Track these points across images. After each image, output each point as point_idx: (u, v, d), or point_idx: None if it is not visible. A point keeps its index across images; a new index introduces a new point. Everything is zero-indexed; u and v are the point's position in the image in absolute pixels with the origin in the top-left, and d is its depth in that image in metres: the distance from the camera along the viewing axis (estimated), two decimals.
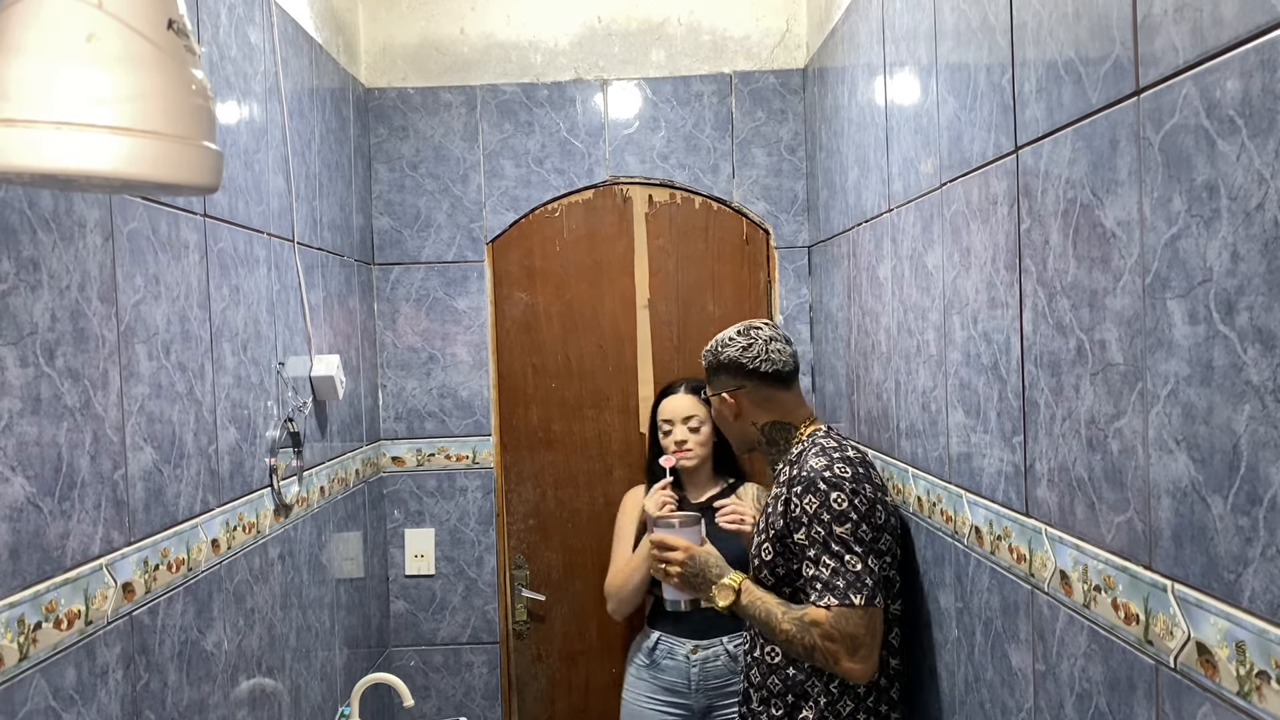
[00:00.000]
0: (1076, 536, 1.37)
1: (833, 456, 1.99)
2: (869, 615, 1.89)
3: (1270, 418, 0.95)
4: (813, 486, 1.95)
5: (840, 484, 1.93)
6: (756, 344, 2.15)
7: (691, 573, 2.11)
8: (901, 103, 2.15)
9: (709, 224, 3.32)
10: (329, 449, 2.69)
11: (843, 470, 1.96)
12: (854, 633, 1.88)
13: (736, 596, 2.03)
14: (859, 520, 1.92)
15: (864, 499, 1.94)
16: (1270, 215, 0.94)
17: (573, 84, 3.30)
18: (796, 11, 3.28)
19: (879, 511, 1.96)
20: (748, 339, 2.16)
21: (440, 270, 3.31)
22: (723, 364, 2.17)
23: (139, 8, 1.02)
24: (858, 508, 1.93)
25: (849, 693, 2.01)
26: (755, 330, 2.18)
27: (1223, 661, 1.05)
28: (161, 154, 1.02)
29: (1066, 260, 1.36)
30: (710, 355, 2.19)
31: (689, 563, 2.12)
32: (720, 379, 2.18)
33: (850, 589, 1.88)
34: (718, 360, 2.17)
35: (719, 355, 2.17)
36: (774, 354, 2.15)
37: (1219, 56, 1.01)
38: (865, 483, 1.96)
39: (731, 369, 2.16)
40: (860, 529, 1.92)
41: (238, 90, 2.10)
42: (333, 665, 2.65)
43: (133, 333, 1.60)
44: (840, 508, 1.92)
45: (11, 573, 1.27)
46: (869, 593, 1.89)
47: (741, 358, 2.14)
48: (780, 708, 2.06)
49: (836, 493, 1.93)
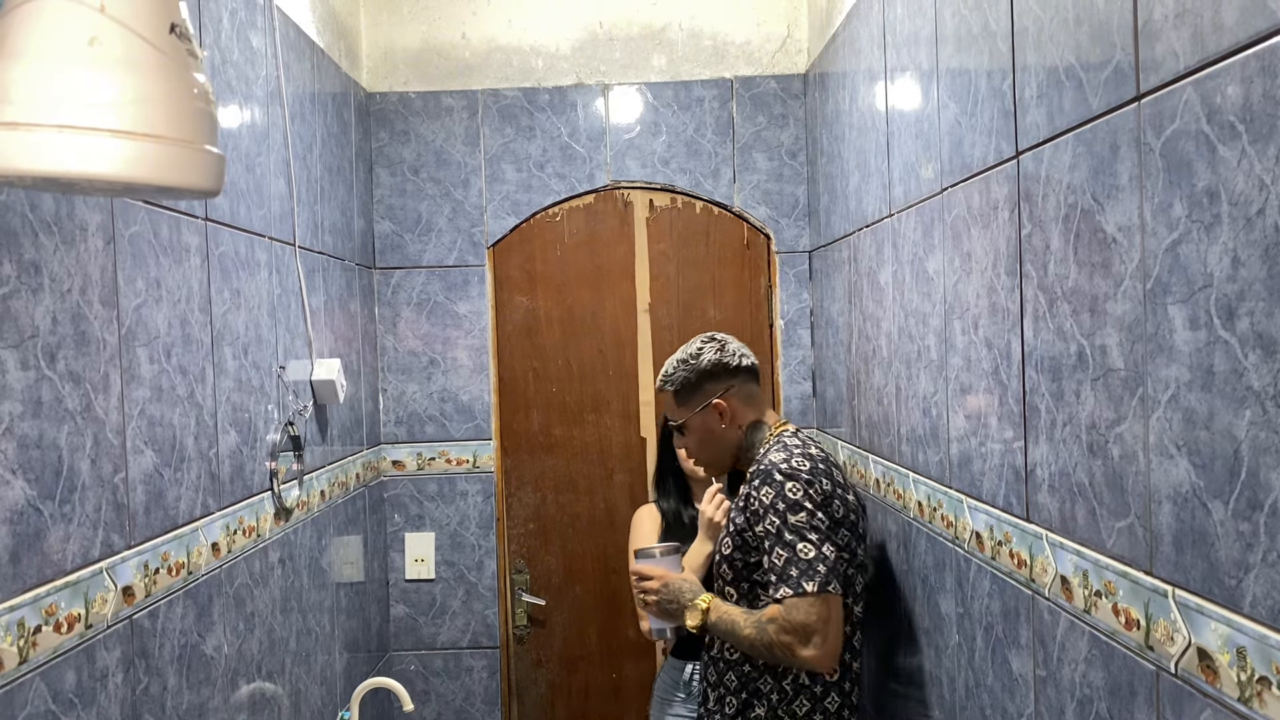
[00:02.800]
0: (1077, 542, 1.37)
1: (793, 451, 2.00)
2: (822, 602, 1.88)
3: (1271, 423, 0.95)
4: (769, 478, 1.95)
5: (796, 475, 1.94)
6: (729, 344, 2.16)
7: (667, 599, 2.12)
8: (902, 108, 2.15)
9: (710, 229, 3.32)
10: (329, 453, 2.69)
11: (800, 463, 1.96)
12: (805, 620, 1.87)
13: (705, 615, 2.04)
14: (814, 509, 1.92)
15: (819, 490, 1.94)
16: (1271, 221, 0.94)
17: (574, 89, 3.30)
18: (798, 17, 3.29)
19: (836, 504, 1.96)
20: (716, 343, 2.16)
21: (441, 274, 3.31)
22: (705, 371, 2.14)
23: (141, 11, 1.02)
24: (812, 497, 1.92)
25: (804, 692, 2.02)
26: (717, 337, 2.18)
27: (1224, 667, 1.05)
28: (163, 157, 1.02)
29: (1067, 265, 1.36)
30: (685, 371, 2.15)
31: (664, 590, 2.13)
32: (705, 388, 2.15)
33: (803, 576, 1.88)
34: (697, 370, 2.14)
35: (697, 366, 2.14)
36: (745, 352, 2.18)
37: (1220, 62, 1.01)
38: (823, 477, 1.97)
39: (716, 373, 2.14)
40: (815, 518, 1.91)
41: (239, 94, 2.11)
42: (332, 669, 2.65)
43: (134, 336, 1.60)
44: (794, 497, 1.92)
45: (11, 576, 1.27)
46: (821, 579, 1.87)
47: (723, 358, 2.14)
48: (733, 705, 2.07)
49: (791, 482, 1.93)
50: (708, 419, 2.15)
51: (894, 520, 2.31)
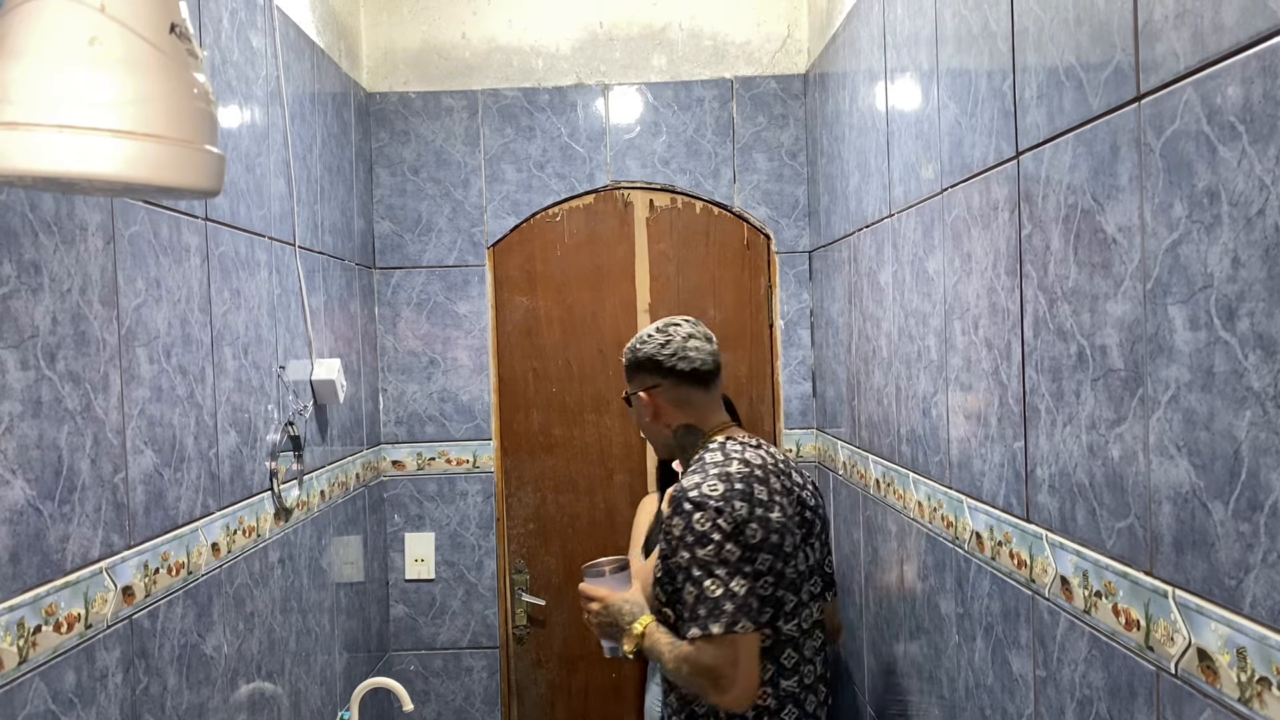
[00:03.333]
0: (1077, 542, 1.37)
1: (709, 472, 1.87)
2: (729, 644, 1.79)
3: (1271, 423, 0.95)
4: (679, 507, 1.85)
5: (704, 503, 1.82)
6: (674, 341, 2.03)
7: (607, 622, 2.03)
8: (903, 108, 2.15)
9: (710, 229, 3.32)
10: (329, 453, 2.68)
11: (712, 488, 1.84)
12: (712, 664, 1.79)
13: (639, 640, 1.95)
14: (723, 540, 1.80)
15: (729, 518, 1.81)
16: (1271, 221, 0.94)
17: (574, 89, 3.30)
18: (798, 17, 3.29)
19: (752, 529, 1.82)
20: (665, 335, 2.04)
21: (441, 274, 3.31)
22: (640, 361, 2.05)
23: (141, 11, 1.02)
24: (721, 528, 1.81)
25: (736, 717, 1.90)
26: (674, 327, 2.05)
27: (1224, 668, 1.05)
28: (163, 157, 1.02)
29: (1067, 266, 1.36)
30: (629, 353, 2.07)
31: (604, 613, 2.04)
32: (638, 377, 2.06)
33: (709, 617, 1.78)
34: (635, 357, 2.06)
35: (636, 352, 2.05)
36: (691, 352, 2.02)
37: (1220, 63, 1.01)
38: (738, 499, 1.83)
39: (648, 366, 2.04)
40: (724, 550, 1.80)
41: (239, 94, 2.11)
42: (332, 669, 2.65)
43: (134, 336, 1.60)
44: (702, 529, 1.81)
45: (11, 576, 1.27)
46: (727, 620, 1.77)
47: (658, 355, 2.03)
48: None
49: (699, 513, 1.82)
50: (641, 406, 2.07)
51: (894, 520, 2.31)
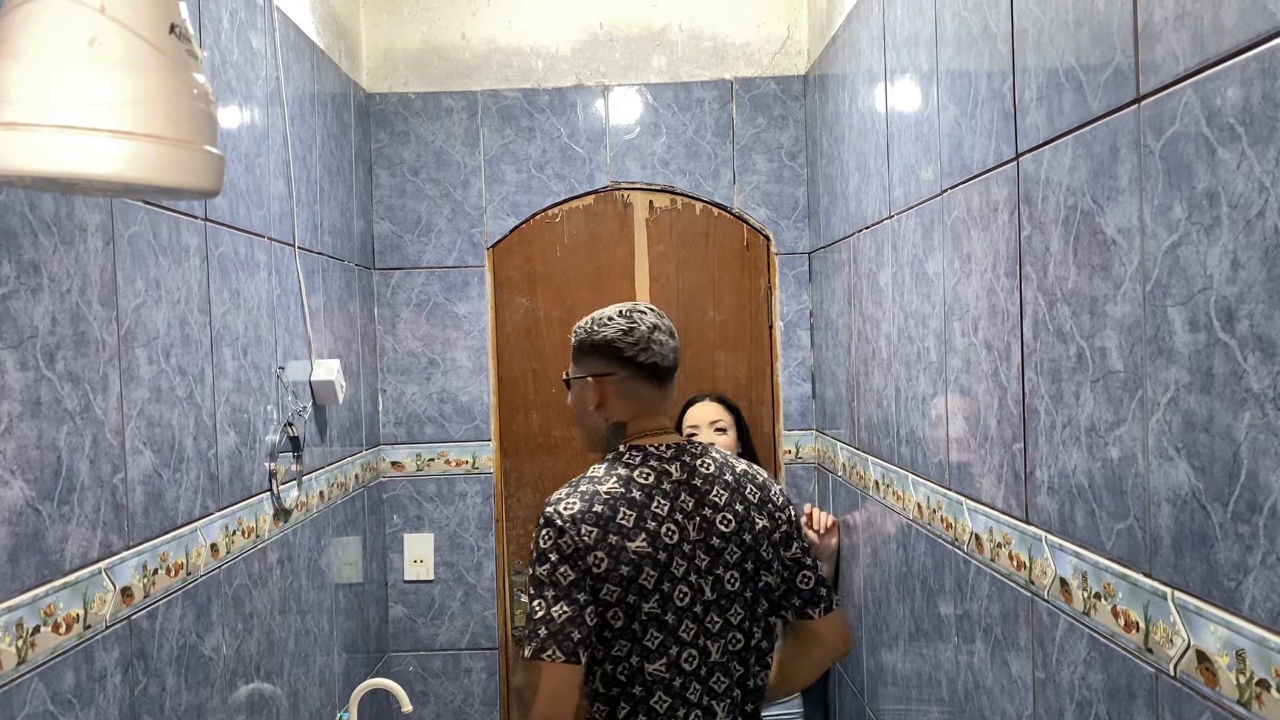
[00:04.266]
0: (1076, 544, 1.37)
1: (578, 487, 1.79)
2: (534, 670, 1.69)
3: (1270, 425, 0.95)
4: (539, 519, 1.77)
5: (553, 520, 1.73)
6: (639, 329, 1.84)
7: None
8: (902, 109, 2.16)
9: (710, 230, 3.32)
10: (329, 453, 2.68)
11: (568, 506, 1.75)
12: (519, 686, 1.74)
13: None
14: (558, 562, 1.70)
15: (570, 541, 1.71)
16: (1271, 223, 0.94)
17: (574, 89, 3.30)
18: (798, 18, 3.29)
19: (595, 559, 1.71)
20: (630, 321, 1.85)
21: (441, 275, 3.31)
22: (596, 344, 1.86)
23: (141, 12, 1.02)
24: (561, 549, 1.71)
25: None
26: (639, 314, 1.86)
27: (1223, 669, 1.05)
28: (163, 158, 1.02)
29: (1067, 267, 1.36)
30: (583, 332, 1.88)
31: None
32: (590, 360, 1.87)
33: (527, 639, 1.70)
34: (590, 340, 1.87)
35: (593, 334, 1.86)
36: (655, 345, 1.85)
37: (1219, 64, 1.01)
38: (586, 524, 1.72)
39: (605, 351, 1.85)
40: (558, 571, 1.70)
41: (239, 95, 2.11)
42: (331, 670, 2.64)
43: (133, 336, 1.60)
44: (543, 546, 1.72)
45: (10, 576, 1.27)
46: (538, 645, 1.67)
47: (619, 341, 1.84)
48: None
49: (546, 529, 1.73)
50: (584, 391, 1.89)
51: (893, 522, 2.31)
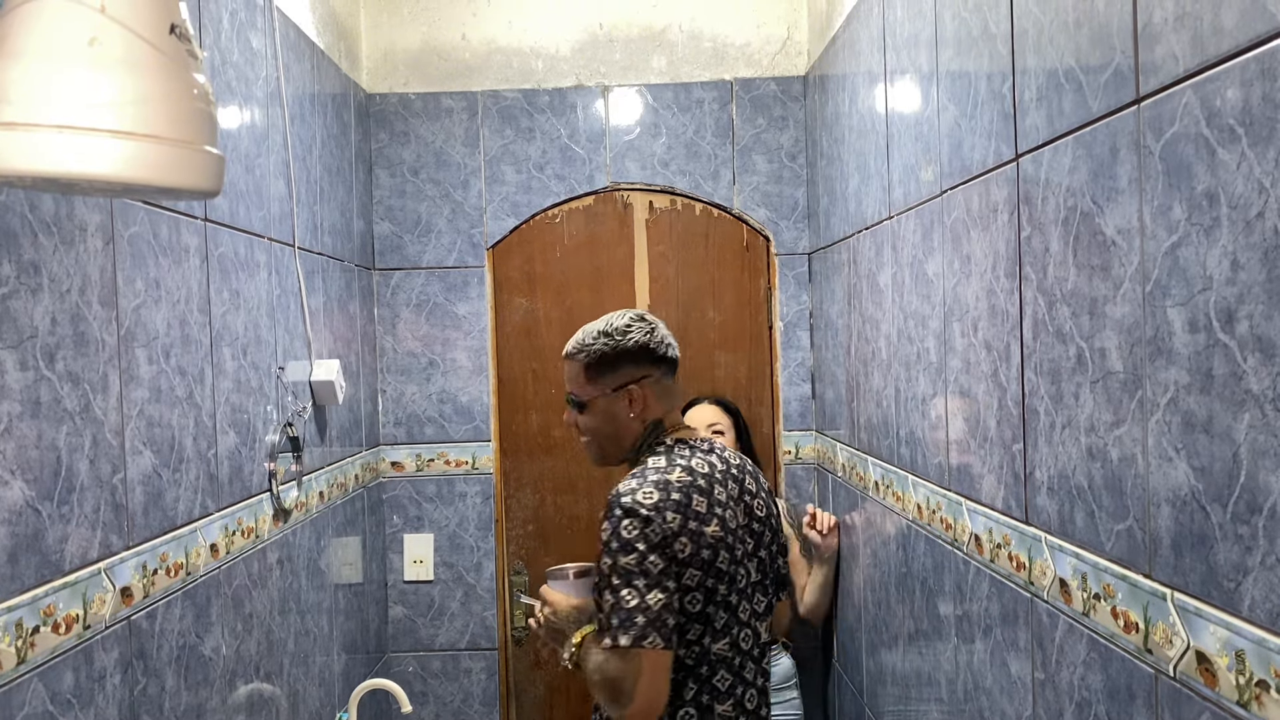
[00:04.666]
0: (1076, 544, 1.37)
1: (648, 478, 1.79)
2: (633, 658, 1.71)
3: (1270, 426, 0.95)
4: (610, 511, 1.76)
5: (635, 510, 1.73)
6: (659, 329, 1.93)
7: (553, 628, 1.91)
8: (902, 110, 2.16)
9: (709, 230, 3.33)
10: (328, 454, 2.68)
11: (646, 495, 1.75)
12: (615, 676, 1.72)
13: (575, 651, 1.84)
14: (647, 551, 1.72)
15: (658, 530, 1.73)
16: (1270, 224, 0.94)
17: (574, 90, 3.30)
18: (798, 19, 3.29)
19: (680, 545, 1.75)
20: (647, 324, 1.92)
21: (441, 275, 3.31)
22: (627, 350, 1.88)
23: (141, 12, 1.02)
24: (648, 538, 1.72)
25: None
26: (647, 318, 1.94)
27: (1222, 670, 1.05)
28: (163, 158, 1.02)
29: (1067, 268, 1.36)
30: (606, 345, 1.88)
31: (551, 619, 1.91)
32: (623, 369, 1.89)
33: (620, 628, 1.70)
34: (619, 348, 1.88)
35: (621, 343, 1.88)
36: (672, 341, 1.95)
37: (1219, 65, 1.01)
38: (669, 511, 1.75)
39: (638, 356, 1.89)
40: (648, 560, 1.72)
41: (239, 95, 2.11)
42: (331, 671, 2.64)
43: (133, 337, 1.60)
44: (627, 536, 1.72)
45: (10, 576, 1.27)
46: (636, 633, 1.69)
47: (650, 342, 1.89)
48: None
49: (628, 520, 1.73)
50: (615, 404, 1.90)
51: (893, 523, 2.31)
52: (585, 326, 1.93)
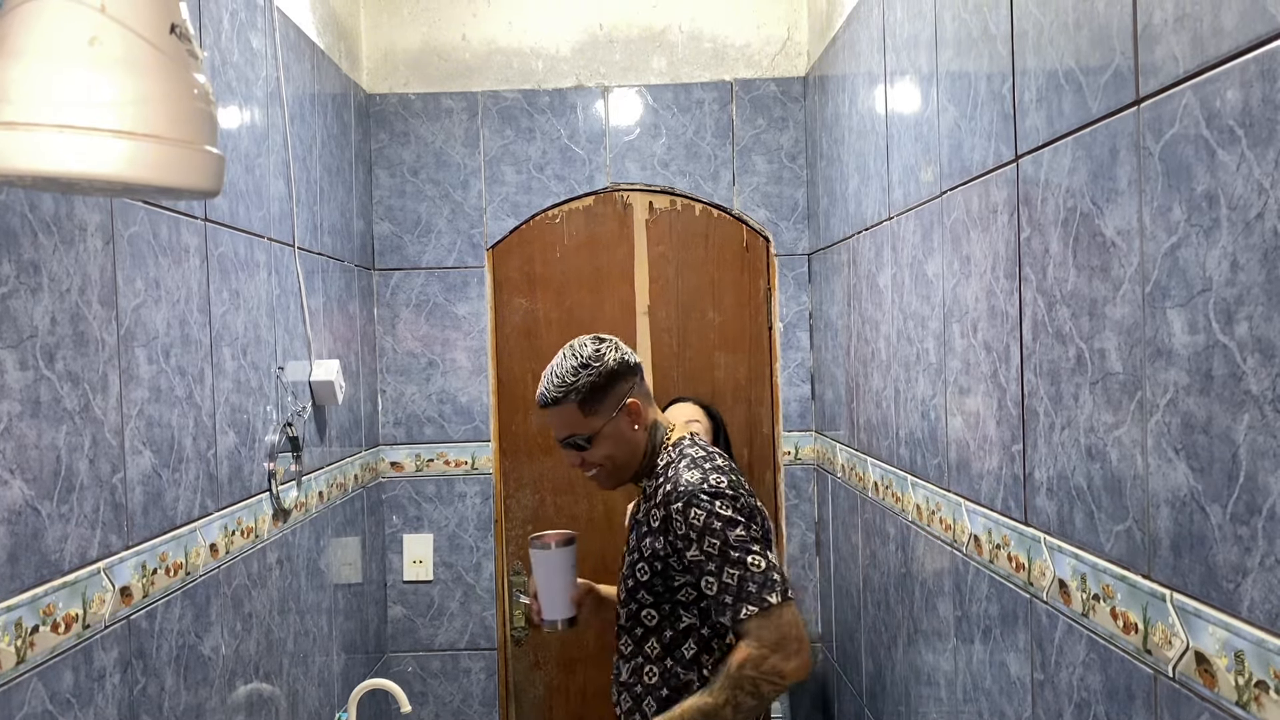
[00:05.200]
0: (1075, 545, 1.37)
1: (705, 467, 1.85)
2: (790, 610, 1.77)
3: (1269, 427, 0.95)
4: (695, 499, 1.80)
5: (720, 492, 1.81)
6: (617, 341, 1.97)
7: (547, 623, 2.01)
8: (902, 111, 2.16)
9: (709, 231, 3.33)
10: (328, 454, 2.68)
11: (719, 479, 1.83)
12: (783, 634, 1.75)
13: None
14: (748, 522, 1.80)
15: (745, 505, 1.82)
16: (1270, 225, 0.94)
17: (574, 90, 3.30)
18: (798, 20, 3.29)
19: (758, 519, 1.84)
20: (608, 341, 1.95)
21: (440, 276, 3.31)
22: (612, 372, 1.90)
23: (141, 12, 1.02)
24: (743, 511, 1.81)
25: None
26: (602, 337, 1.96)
27: (1221, 671, 1.05)
28: (163, 157, 1.02)
29: (1066, 269, 1.36)
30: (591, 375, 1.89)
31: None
32: (615, 390, 1.91)
33: (763, 590, 1.75)
34: (605, 372, 1.89)
35: (603, 367, 1.90)
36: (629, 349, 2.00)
37: (1219, 66, 1.01)
38: (741, 490, 1.85)
39: (620, 372, 1.91)
40: (751, 529, 1.80)
41: (239, 95, 2.11)
42: (330, 670, 2.64)
43: (132, 336, 1.60)
44: (728, 514, 1.79)
45: (9, 576, 1.27)
46: (781, 588, 1.76)
47: (624, 356, 1.93)
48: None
49: (719, 500, 1.80)
50: (619, 426, 1.92)
51: (892, 523, 2.31)
52: (548, 373, 1.92)
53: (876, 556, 2.47)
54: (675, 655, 1.87)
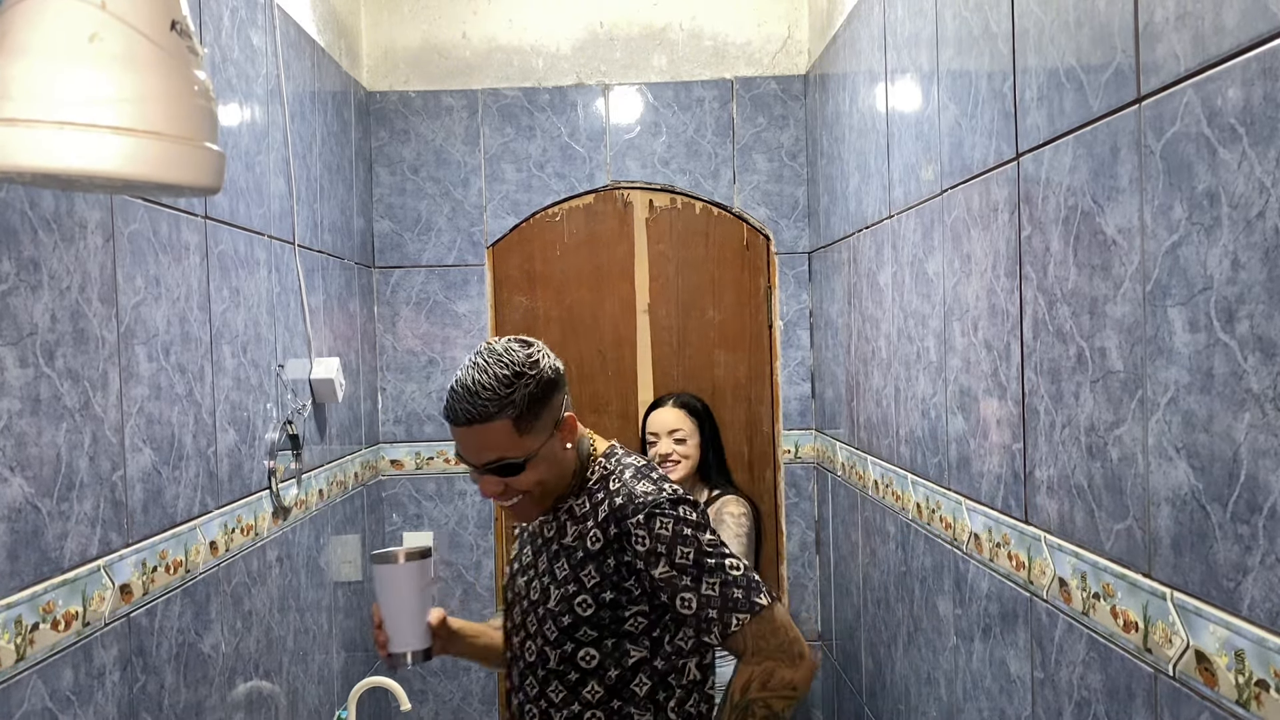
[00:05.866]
0: (1076, 544, 1.37)
1: (653, 477, 1.66)
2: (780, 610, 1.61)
3: (1270, 426, 0.95)
4: (657, 511, 1.59)
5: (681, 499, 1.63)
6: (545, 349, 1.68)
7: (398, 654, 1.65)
8: (903, 109, 2.16)
9: (709, 229, 3.32)
10: (328, 452, 2.68)
11: (674, 488, 1.65)
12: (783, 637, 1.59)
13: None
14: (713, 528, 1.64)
15: (703, 512, 1.65)
16: (1271, 223, 0.94)
17: (574, 88, 3.30)
18: (798, 18, 3.29)
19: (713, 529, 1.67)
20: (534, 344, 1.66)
21: (440, 274, 3.31)
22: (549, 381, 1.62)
23: (142, 9, 1.02)
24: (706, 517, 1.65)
25: None
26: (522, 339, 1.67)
27: (1222, 670, 1.05)
28: (163, 154, 1.02)
29: (1067, 267, 1.36)
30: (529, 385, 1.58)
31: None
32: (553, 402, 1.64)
33: (751, 594, 1.58)
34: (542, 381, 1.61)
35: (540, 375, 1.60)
36: None
37: (1220, 65, 1.01)
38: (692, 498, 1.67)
39: (557, 382, 1.65)
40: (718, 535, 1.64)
41: (239, 92, 2.11)
42: (330, 668, 2.64)
43: (132, 334, 1.60)
44: (697, 519, 1.61)
45: (9, 573, 1.27)
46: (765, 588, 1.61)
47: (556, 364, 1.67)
48: None
49: (683, 507, 1.61)
50: (553, 444, 1.65)
51: (892, 522, 2.31)
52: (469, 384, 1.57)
53: (876, 555, 2.47)
54: (624, 695, 1.61)
